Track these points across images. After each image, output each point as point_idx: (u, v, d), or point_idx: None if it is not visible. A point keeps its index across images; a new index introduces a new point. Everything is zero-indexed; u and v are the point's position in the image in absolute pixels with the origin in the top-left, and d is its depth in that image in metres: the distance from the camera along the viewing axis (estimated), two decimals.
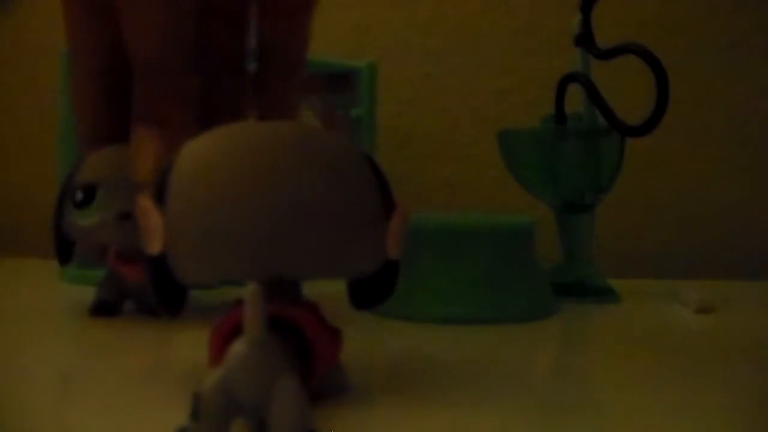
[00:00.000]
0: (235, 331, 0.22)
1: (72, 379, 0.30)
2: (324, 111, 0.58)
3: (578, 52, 0.50)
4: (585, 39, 0.49)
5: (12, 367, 0.31)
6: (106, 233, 0.36)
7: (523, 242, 0.43)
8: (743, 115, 0.68)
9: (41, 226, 0.41)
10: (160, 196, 0.24)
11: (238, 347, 0.21)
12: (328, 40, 0.71)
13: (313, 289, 0.27)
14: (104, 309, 0.40)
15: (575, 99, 0.50)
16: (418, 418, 0.25)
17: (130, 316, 0.40)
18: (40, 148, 0.72)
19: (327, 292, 0.29)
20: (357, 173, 0.25)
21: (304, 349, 0.24)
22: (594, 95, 0.47)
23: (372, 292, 0.27)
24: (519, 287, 0.42)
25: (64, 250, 0.38)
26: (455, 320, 0.40)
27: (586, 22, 0.49)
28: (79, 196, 0.36)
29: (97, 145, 0.38)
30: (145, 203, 0.24)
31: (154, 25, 0.33)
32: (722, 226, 0.68)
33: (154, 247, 0.24)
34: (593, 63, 0.49)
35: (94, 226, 0.36)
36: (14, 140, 0.75)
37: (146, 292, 0.39)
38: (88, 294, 0.42)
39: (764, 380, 0.31)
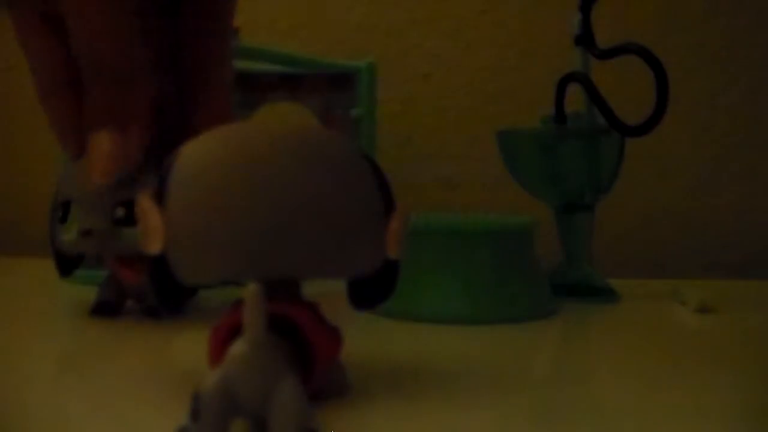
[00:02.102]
0: (235, 331, 0.22)
1: (72, 378, 0.30)
2: (324, 111, 0.58)
3: (578, 52, 0.50)
4: (585, 39, 0.49)
5: (12, 367, 0.31)
6: (81, 247, 0.37)
7: (523, 242, 0.43)
8: (743, 115, 0.68)
9: (41, 226, 0.41)
10: (160, 196, 0.24)
11: (238, 347, 0.21)
12: (328, 40, 0.71)
13: (313, 289, 0.27)
14: (105, 309, 0.40)
15: (575, 99, 0.50)
16: (418, 418, 0.25)
17: (130, 316, 0.40)
18: (40, 148, 0.72)
19: (327, 292, 0.29)
20: (357, 173, 0.25)
21: (304, 349, 0.24)
22: (594, 95, 0.47)
23: (372, 292, 0.27)
24: (519, 287, 0.42)
25: (62, 262, 0.38)
26: (455, 320, 0.40)
27: (586, 22, 0.49)
28: (59, 212, 0.37)
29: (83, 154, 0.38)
30: (146, 203, 0.24)
31: (95, 28, 0.33)
32: (722, 226, 0.68)
33: (155, 247, 0.24)
34: (593, 63, 0.49)
35: (74, 241, 0.36)
36: (14, 139, 0.75)
37: (147, 292, 0.40)
38: (88, 294, 0.42)
39: (764, 380, 0.31)
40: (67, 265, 0.38)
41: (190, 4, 0.37)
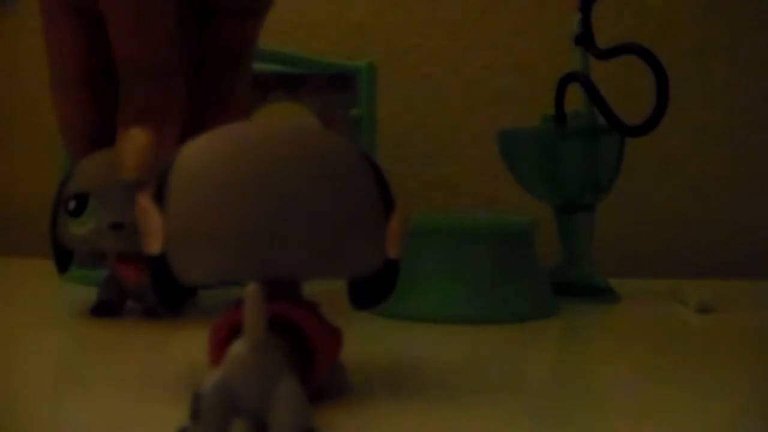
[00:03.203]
0: (235, 331, 0.22)
1: (72, 378, 0.30)
2: (324, 111, 0.58)
3: (578, 51, 0.50)
4: (585, 39, 0.49)
5: (12, 367, 0.31)
6: (99, 242, 0.36)
7: (523, 242, 0.43)
8: (743, 116, 0.68)
9: (42, 226, 0.41)
10: (160, 196, 0.24)
11: (238, 347, 0.21)
12: (328, 40, 0.71)
13: (313, 289, 0.27)
14: (105, 309, 0.40)
15: (575, 99, 0.50)
16: (418, 418, 0.25)
17: (130, 316, 0.40)
18: (41, 147, 0.72)
19: (327, 292, 0.29)
20: (357, 173, 0.25)
21: (304, 349, 0.24)
22: (594, 95, 0.47)
23: (372, 292, 0.27)
24: (519, 287, 0.42)
25: (62, 258, 0.38)
26: (455, 320, 0.40)
27: (585, 22, 0.49)
28: (72, 204, 0.36)
29: (91, 150, 0.38)
30: (145, 203, 0.24)
31: (137, 24, 0.33)
32: (722, 226, 0.68)
33: (154, 247, 0.24)
34: (593, 63, 0.49)
35: (88, 235, 0.36)
36: (15, 139, 0.75)
37: (147, 292, 0.40)
38: (88, 294, 0.42)
39: (764, 380, 0.31)
40: (67, 260, 0.38)
41: (219, 16, 0.37)
